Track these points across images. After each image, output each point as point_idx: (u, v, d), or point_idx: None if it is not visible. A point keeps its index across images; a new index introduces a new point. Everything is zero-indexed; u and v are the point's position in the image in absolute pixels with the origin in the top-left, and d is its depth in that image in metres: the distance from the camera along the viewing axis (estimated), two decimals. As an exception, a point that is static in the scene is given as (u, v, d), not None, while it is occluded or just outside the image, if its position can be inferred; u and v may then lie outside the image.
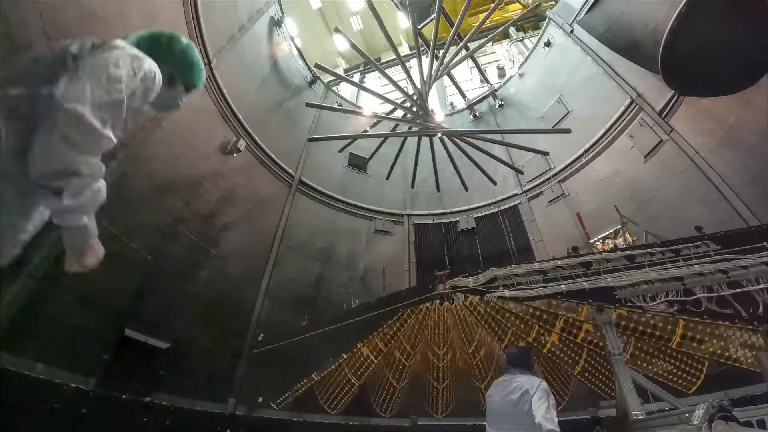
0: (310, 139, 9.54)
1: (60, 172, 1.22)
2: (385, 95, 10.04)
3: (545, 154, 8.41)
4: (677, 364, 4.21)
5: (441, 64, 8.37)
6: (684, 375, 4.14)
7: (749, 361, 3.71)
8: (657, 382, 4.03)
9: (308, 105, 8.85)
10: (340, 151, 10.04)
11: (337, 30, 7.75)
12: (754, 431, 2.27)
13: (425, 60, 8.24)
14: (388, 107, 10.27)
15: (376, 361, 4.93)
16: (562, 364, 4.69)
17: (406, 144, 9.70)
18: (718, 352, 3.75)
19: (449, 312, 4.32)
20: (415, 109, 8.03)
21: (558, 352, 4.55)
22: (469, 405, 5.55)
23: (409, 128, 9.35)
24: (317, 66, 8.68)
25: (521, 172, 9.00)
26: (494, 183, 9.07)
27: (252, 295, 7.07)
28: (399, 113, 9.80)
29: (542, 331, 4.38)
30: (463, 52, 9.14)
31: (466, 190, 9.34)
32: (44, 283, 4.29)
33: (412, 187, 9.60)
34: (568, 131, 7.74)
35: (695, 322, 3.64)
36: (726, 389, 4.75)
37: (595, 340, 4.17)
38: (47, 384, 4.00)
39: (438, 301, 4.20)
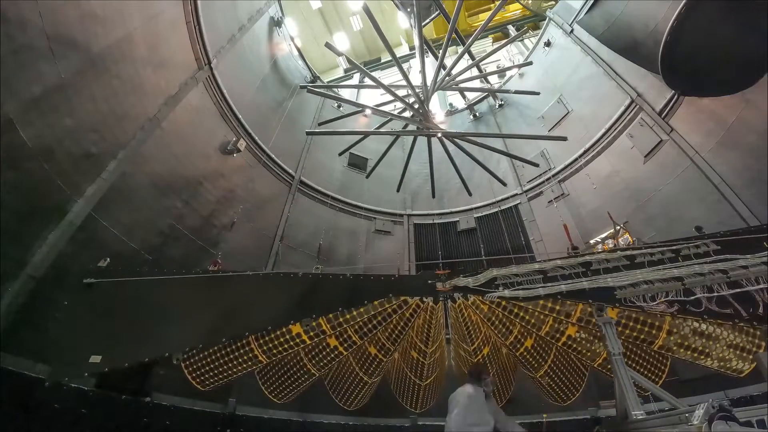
0: (309, 133, 9.54)
1: None
2: (387, 101, 10.10)
3: (535, 165, 8.44)
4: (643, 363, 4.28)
5: (440, 66, 8.36)
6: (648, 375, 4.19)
7: (730, 364, 3.71)
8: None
9: (309, 90, 8.92)
10: (341, 154, 10.05)
11: (328, 45, 7.78)
12: (754, 431, 2.27)
13: (428, 61, 8.23)
14: (389, 105, 10.30)
15: (386, 360, 4.73)
16: (527, 366, 4.72)
17: (404, 147, 9.71)
18: (701, 357, 3.76)
19: (470, 309, 4.17)
20: (417, 106, 8.03)
21: (527, 356, 4.59)
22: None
23: (405, 126, 9.37)
24: (310, 91, 8.87)
25: (504, 184, 9.02)
26: (504, 184, 9.00)
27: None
28: (398, 112, 9.81)
29: (524, 332, 4.38)
30: (467, 58, 9.17)
31: (470, 194, 9.32)
32: (44, 284, 4.29)
33: (433, 196, 9.59)
34: (564, 139, 7.75)
35: (680, 324, 3.66)
36: (726, 389, 4.76)
37: (575, 345, 4.20)
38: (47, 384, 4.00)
39: (441, 299, 4.15)
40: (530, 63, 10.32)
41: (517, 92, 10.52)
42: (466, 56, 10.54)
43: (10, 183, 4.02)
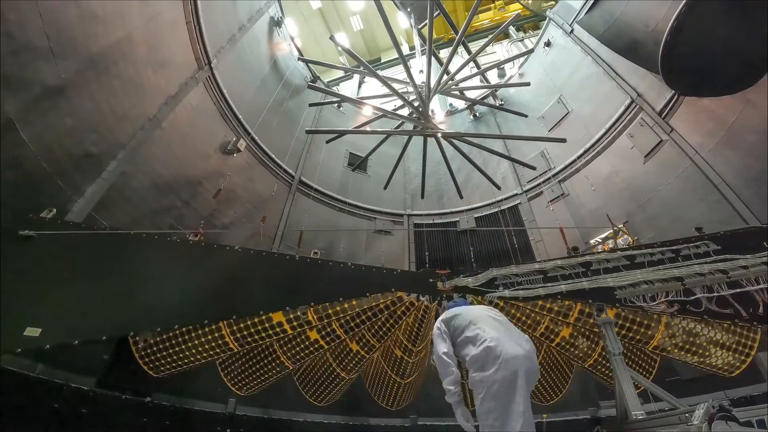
0: (308, 131, 9.55)
1: None
2: (385, 95, 10.11)
3: (532, 168, 8.49)
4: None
5: (445, 71, 8.41)
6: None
7: (712, 361, 3.71)
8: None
9: (309, 86, 8.94)
10: (328, 142, 9.92)
11: (332, 38, 7.76)
12: (754, 431, 2.28)
13: (425, 61, 8.25)
14: (389, 105, 10.31)
15: (367, 356, 4.61)
16: None
17: (408, 147, 9.72)
18: (687, 356, 3.76)
19: None
20: (417, 104, 8.04)
21: None
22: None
23: (400, 124, 9.36)
24: (311, 87, 8.83)
25: (499, 187, 9.12)
26: (498, 188, 9.09)
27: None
28: (399, 112, 9.82)
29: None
30: (468, 60, 9.21)
31: (461, 197, 9.37)
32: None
33: (422, 197, 9.62)
34: (563, 140, 7.79)
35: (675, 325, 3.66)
36: (726, 389, 4.76)
37: (568, 346, 4.21)
38: (47, 384, 4.00)
39: (438, 299, 4.13)
40: (528, 84, 10.39)
41: (502, 108, 10.53)
42: (466, 57, 10.53)
43: (10, 183, 4.02)
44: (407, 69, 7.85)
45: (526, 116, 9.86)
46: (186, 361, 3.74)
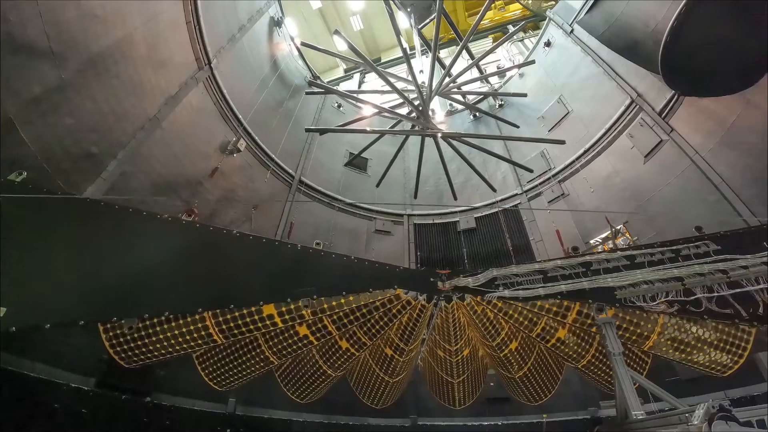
0: (308, 130, 9.55)
1: None
2: (385, 91, 10.10)
3: (529, 170, 8.55)
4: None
5: (447, 74, 8.40)
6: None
7: (710, 359, 3.71)
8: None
9: (308, 93, 8.98)
10: (322, 134, 9.93)
11: (336, 32, 7.76)
12: (754, 431, 2.28)
13: (427, 61, 8.26)
14: (389, 105, 10.32)
15: (357, 354, 4.56)
16: (507, 367, 4.77)
17: (407, 146, 9.73)
18: (688, 357, 3.76)
19: (461, 310, 4.09)
20: (417, 103, 8.05)
21: (510, 357, 4.61)
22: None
23: (397, 123, 9.36)
24: (303, 44, 8.80)
25: (494, 189, 9.29)
26: (494, 190, 9.16)
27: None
28: (398, 110, 9.83)
29: (510, 334, 4.43)
30: (467, 58, 9.21)
31: (455, 198, 9.45)
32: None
33: (415, 197, 9.71)
34: (562, 142, 7.80)
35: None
36: (726, 389, 4.76)
37: (563, 347, 4.24)
38: (47, 384, 4.00)
39: (435, 299, 4.08)
40: (524, 95, 10.45)
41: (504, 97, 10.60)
42: (467, 57, 10.56)
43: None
44: (410, 66, 7.84)
45: (518, 127, 10.09)
46: (163, 351, 3.45)
